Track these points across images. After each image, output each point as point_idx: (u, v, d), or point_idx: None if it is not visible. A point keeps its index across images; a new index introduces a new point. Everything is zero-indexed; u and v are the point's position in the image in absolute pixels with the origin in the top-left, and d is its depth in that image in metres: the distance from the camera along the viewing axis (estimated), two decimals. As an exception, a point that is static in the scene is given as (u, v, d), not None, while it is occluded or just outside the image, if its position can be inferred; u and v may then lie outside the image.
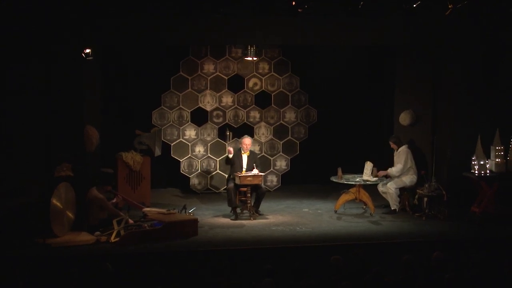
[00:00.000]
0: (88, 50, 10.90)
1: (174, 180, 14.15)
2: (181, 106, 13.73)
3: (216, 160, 13.86)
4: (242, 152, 11.93)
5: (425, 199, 11.65)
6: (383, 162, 12.86)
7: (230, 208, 11.76)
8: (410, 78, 12.84)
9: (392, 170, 11.94)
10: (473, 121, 11.94)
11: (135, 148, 12.49)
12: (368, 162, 11.87)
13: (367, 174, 11.81)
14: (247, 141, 11.94)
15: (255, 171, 11.64)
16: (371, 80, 14.53)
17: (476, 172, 11.45)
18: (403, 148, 12.06)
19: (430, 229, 11.00)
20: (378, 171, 12.01)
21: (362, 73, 14.54)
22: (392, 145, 12.15)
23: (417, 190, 11.82)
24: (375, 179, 11.85)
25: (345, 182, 11.91)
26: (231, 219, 11.55)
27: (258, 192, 11.74)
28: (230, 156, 11.78)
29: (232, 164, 11.87)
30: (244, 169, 11.80)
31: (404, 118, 12.75)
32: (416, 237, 10.48)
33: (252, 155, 12.00)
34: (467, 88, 11.99)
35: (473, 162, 11.52)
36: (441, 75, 12.35)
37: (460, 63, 11.99)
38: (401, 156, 11.99)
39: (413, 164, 12.02)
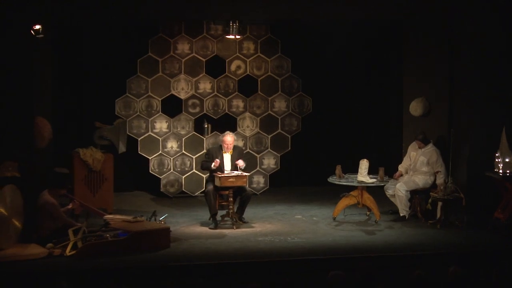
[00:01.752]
0: (38, 27, 10.79)
1: (141, 181, 14.13)
2: (150, 93, 13.66)
3: (192, 158, 13.81)
4: (223, 151, 11.85)
5: (440, 203, 11.64)
6: (390, 158, 12.86)
7: (208, 215, 11.70)
8: (422, 59, 12.84)
9: (439, 181, 11.91)
10: (497, 111, 11.93)
11: (95, 144, 12.44)
12: (365, 160, 11.84)
13: (363, 174, 11.80)
14: (228, 139, 11.84)
15: (241, 162, 11.55)
16: (376, 63, 14.56)
17: (500, 171, 11.46)
18: (431, 147, 12.07)
19: (446, 239, 11.01)
20: (385, 171, 12.01)
21: (365, 55, 14.54)
22: (419, 144, 12.11)
23: (431, 193, 11.81)
24: (372, 180, 11.84)
25: (345, 184, 11.88)
26: (210, 228, 11.52)
27: (242, 196, 11.71)
28: (214, 167, 11.66)
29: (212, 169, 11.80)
30: (226, 171, 11.74)
31: (416, 108, 12.75)
32: (430, 248, 10.49)
33: (236, 152, 11.92)
34: (490, 71, 11.98)
35: (496, 160, 11.53)
36: (458, 56, 12.33)
37: (482, 41, 11.97)
38: (435, 155, 12.01)
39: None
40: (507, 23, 11.98)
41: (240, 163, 11.69)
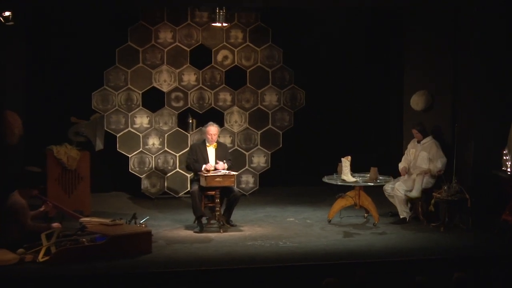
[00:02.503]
0: (7, 13, 10.74)
1: (121, 181, 14.12)
2: (129, 86, 13.64)
3: (176, 156, 13.79)
4: (207, 144, 11.86)
5: (444, 204, 11.67)
6: (390, 158, 12.85)
7: (193, 218, 11.69)
8: (423, 50, 12.85)
9: (438, 167, 11.90)
10: (504, 104, 11.96)
11: (70, 141, 12.42)
12: (348, 157, 11.87)
13: (345, 172, 11.82)
14: (212, 129, 11.87)
15: (222, 164, 11.55)
16: (374, 53, 14.54)
17: (508, 169, 11.49)
18: (430, 140, 12.09)
19: (449, 243, 11.04)
20: (378, 172, 12.04)
21: (363, 44, 14.53)
22: (416, 134, 12.17)
23: (433, 194, 11.83)
24: (354, 179, 11.85)
25: (339, 183, 11.91)
26: (195, 232, 11.51)
27: (230, 197, 11.70)
28: (205, 171, 11.61)
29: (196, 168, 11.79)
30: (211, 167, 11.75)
31: (417, 102, 12.75)
32: (432, 253, 10.51)
33: (221, 148, 11.95)
34: (496, 63, 12.01)
35: (504, 157, 11.55)
36: (463, 46, 12.35)
37: (487, 31, 12.00)
38: (434, 148, 12.04)
39: None
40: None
41: (220, 166, 11.66)
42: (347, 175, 11.87)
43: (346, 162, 11.88)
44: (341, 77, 14.52)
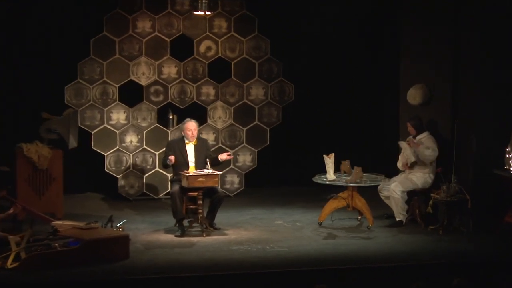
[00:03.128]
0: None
1: (96, 181, 14.09)
2: (105, 79, 13.61)
3: (155, 154, 13.77)
4: (186, 141, 11.86)
5: (443, 206, 11.68)
6: (389, 155, 12.85)
7: (174, 221, 11.67)
8: (422, 41, 12.86)
9: (424, 152, 11.88)
10: (508, 99, 11.99)
11: (42, 138, 12.39)
12: (330, 155, 11.90)
13: (328, 171, 11.90)
14: (191, 124, 11.90)
15: (225, 155, 11.60)
16: (369, 44, 14.55)
17: (511, 168, 11.51)
18: (426, 135, 12.11)
19: (449, 246, 11.06)
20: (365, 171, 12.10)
21: (357, 33, 14.54)
22: (410, 129, 12.20)
23: (432, 195, 11.84)
24: (333, 177, 11.91)
25: (319, 182, 11.95)
26: (176, 236, 11.51)
27: (213, 198, 11.70)
28: (170, 163, 11.71)
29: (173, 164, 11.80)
30: (192, 165, 11.75)
31: (414, 96, 12.77)
32: (431, 258, 10.53)
33: (201, 144, 12.00)
34: (500, 54, 12.03)
35: (507, 155, 11.58)
36: (463, 46, 12.36)
37: (488, 30, 12.02)
38: (429, 141, 12.04)
39: None
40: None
41: (224, 156, 11.83)
42: (329, 174, 11.89)
43: (328, 160, 11.90)
44: (333, 70, 14.51)
